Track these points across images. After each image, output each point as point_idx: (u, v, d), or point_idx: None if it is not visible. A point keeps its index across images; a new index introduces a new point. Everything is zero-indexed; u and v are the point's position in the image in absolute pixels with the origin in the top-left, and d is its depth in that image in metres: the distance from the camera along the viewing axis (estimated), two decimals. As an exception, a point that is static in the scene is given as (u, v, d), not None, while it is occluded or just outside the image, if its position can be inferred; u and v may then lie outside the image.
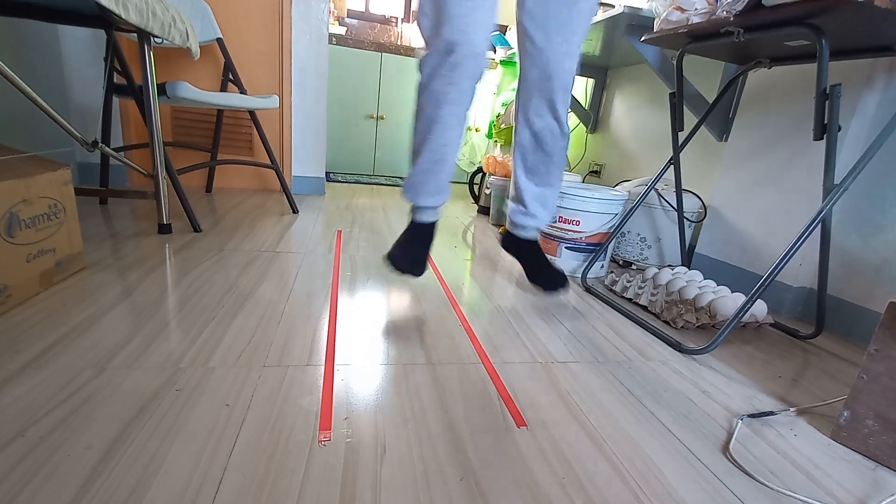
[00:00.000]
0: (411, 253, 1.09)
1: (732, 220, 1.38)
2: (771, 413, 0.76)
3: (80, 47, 1.80)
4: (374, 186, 2.76)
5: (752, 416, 0.74)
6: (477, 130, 3.07)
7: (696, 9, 1.00)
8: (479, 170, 2.33)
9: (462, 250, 1.56)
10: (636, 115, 2.02)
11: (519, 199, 1.15)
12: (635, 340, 1.00)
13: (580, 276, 1.36)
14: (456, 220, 2.03)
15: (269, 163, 1.81)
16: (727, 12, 0.92)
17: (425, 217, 1.11)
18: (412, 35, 3.21)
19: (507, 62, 2.56)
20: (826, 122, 0.89)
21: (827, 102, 0.88)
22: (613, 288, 1.30)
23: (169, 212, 1.38)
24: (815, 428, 0.74)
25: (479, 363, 0.82)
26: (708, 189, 1.53)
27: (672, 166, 1.32)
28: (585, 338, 0.98)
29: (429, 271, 1.29)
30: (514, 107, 2.18)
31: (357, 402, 0.67)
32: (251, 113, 1.78)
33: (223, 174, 2.20)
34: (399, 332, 0.91)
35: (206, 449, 0.55)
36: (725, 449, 0.66)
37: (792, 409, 0.78)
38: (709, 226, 1.46)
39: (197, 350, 0.76)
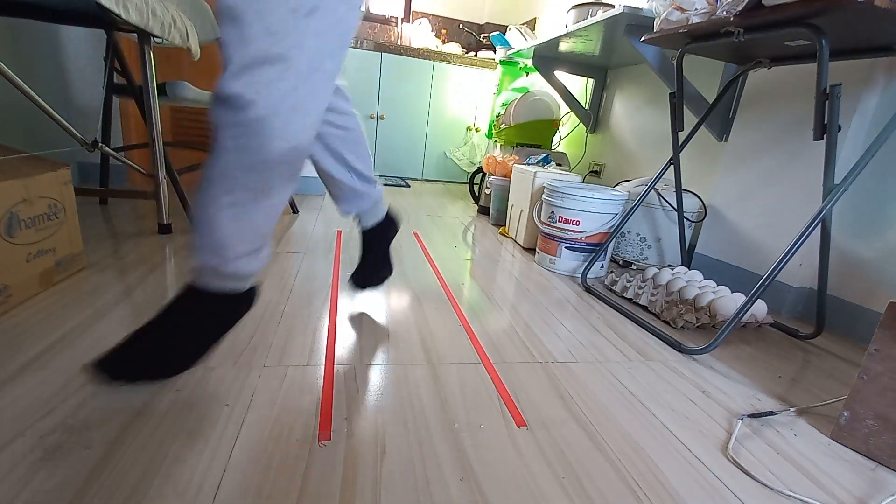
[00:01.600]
0: (367, 268, 0.95)
1: (732, 220, 1.38)
2: (771, 413, 0.76)
3: (80, 47, 1.80)
4: (374, 186, 2.76)
5: (752, 416, 0.74)
6: (477, 130, 3.08)
7: (696, 9, 1.00)
8: (479, 170, 2.33)
9: (462, 250, 1.56)
10: (636, 115, 2.02)
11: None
12: (635, 340, 1.00)
13: (580, 276, 1.36)
14: (456, 220, 2.03)
15: (269, 163, 1.81)
16: (727, 12, 0.92)
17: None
18: (412, 35, 3.21)
19: (506, 62, 2.56)
20: (826, 122, 0.89)
21: (827, 102, 0.88)
22: (613, 288, 1.30)
23: (169, 212, 1.38)
24: (815, 428, 0.74)
25: (479, 363, 0.82)
26: (708, 189, 1.53)
27: (672, 166, 1.32)
28: (585, 338, 0.98)
29: (429, 272, 1.29)
30: (513, 107, 2.18)
31: (357, 402, 0.67)
32: (251, 113, 1.78)
33: (223, 174, 2.20)
34: (399, 332, 0.91)
35: (206, 449, 0.55)
36: (725, 449, 0.66)
37: (792, 409, 0.78)
38: (709, 226, 1.46)
39: (197, 350, 0.76)
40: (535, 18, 3.03)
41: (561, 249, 1.41)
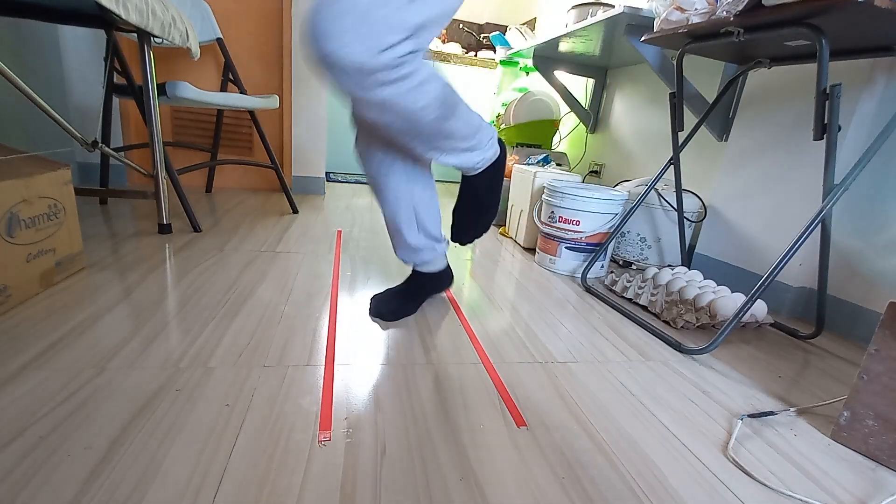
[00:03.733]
0: (392, 300, 0.99)
1: (732, 220, 1.38)
2: (771, 413, 0.76)
3: (80, 47, 1.80)
4: (374, 186, 2.76)
5: (752, 416, 0.74)
6: (477, 130, 3.07)
7: (696, 9, 1.00)
8: (479, 170, 2.33)
9: (462, 250, 1.56)
10: (636, 115, 2.02)
11: None
12: (635, 340, 0.99)
13: (580, 276, 1.36)
14: (456, 220, 2.03)
15: (269, 163, 1.81)
16: (727, 12, 0.92)
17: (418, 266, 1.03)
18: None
19: (506, 62, 2.57)
20: (826, 121, 0.89)
21: (827, 102, 0.88)
22: (613, 288, 1.30)
23: (169, 212, 1.38)
24: (815, 428, 0.74)
25: (479, 363, 0.82)
26: (708, 189, 1.53)
27: (672, 166, 1.32)
28: (585, 338, 0.98)
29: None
30: (513, 107, 2.18)
31: (357, 402, 0.67)
32: (251, 113, 1.78)
33: (223, 174, 2.20)
34: (399, 332, 0.91)
35: (206, 449, 0.55)
36: (725, 449, 0.66)
37: (792, 409, 0.78)
38: (709, 226, 1.46)
39: (197, 350, 0.76)
40: (535, 18, 3.03)
41: (561, 249, 1.41)
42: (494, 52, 2.84)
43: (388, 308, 0.97)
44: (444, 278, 1.08)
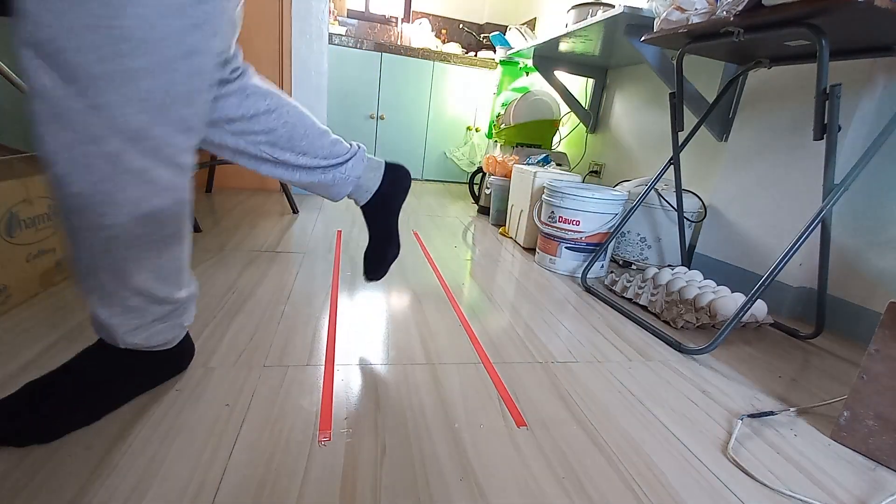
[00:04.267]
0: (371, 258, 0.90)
1: (732, 220, 1.38)
2: (771, 413, 0.76)
3: (80, 47, 1.79)
4: (374, 186, 2.76)
5: (752, 416, 0.74)
6: (477, 130, 3.08)
7: (696, 9, 1.00)
8: (479, 170, 2.33)
9: (462, 250, 1.56)
10: (636, 115, 2.02)
11: None
12: (635, 340, 1.00)
13: (580, 276, 1.36)
14: (456, 220, 2.03)
15: (269, 163, 1.81)
16: (727, 12, 0.92)
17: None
18: (412, 35, 3.21)
19: (506, 62, 2.56)
20: (826, 122, 0.89)
21: (827, 102, 0.88)
22: (613, 288, 1.30)
23: (169, 212, 1.38)
24: (815, 428, 0.74)
25: (479, 363, 0.82)
26: (708, 189, 1.53)
27: (672, 166, 1.32)
28: (585, 338, 0.98)
29: (429, 272, 1.30)
30: (513, 107, 2.18)
31: (357, 402, 0.67)
32: (251, 113, 1.78)
33: (223, 174, 2.20)
34: (399, 332, 0.91)
35: (206, 449, 0.55)
36: (725, 449, 0.66)
37: (792, 409, 0.78)
38: (709, 226, 1.46)
39: (197, 350, 0.76)
40: (535, 18, 3.03)
41: (561, 249, 1.41)
42: (494, 52, 2.84)
43: (381, 262, 0.93)
44: (395, 183, 0.88)
